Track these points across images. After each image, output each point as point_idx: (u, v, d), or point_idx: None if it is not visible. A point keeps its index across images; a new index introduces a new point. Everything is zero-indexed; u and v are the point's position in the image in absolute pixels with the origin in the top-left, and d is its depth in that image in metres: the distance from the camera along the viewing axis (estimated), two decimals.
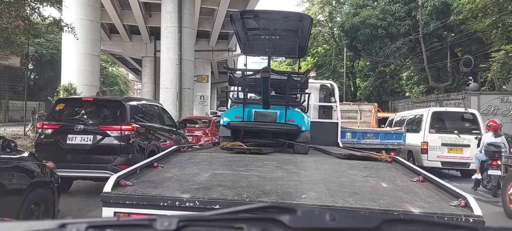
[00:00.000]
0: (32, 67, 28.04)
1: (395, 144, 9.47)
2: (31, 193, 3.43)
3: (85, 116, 6.00)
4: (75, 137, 5.61)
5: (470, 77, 21.58)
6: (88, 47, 14.22)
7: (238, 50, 30.29)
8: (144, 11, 21.85)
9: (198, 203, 1.95)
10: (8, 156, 3.34)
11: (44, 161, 3.87)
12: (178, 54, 15.75)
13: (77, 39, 11.25)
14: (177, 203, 1.96)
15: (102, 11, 18.82)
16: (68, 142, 5.60)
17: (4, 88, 24.27)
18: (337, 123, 6.33)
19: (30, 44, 24.19)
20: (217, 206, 1.92)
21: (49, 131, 5.76)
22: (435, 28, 18.58)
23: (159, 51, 17.46)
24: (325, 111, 6.76)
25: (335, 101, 6.68)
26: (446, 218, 1.78)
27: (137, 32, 24.79)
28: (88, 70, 14.31)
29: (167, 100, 15.49)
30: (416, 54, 22.09)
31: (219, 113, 31.32)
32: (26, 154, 3.67)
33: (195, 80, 19.26)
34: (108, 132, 5.66)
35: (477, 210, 1.85)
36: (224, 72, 40.51)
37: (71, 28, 10.04)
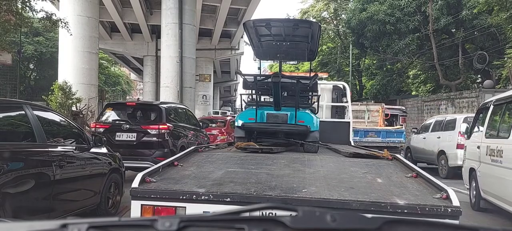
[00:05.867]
0: (32, 66, 27.68)
1: (396, 141, 10.08)
2: (110, 175, 4.57)
3: (129, 117, 7.14)
4: (122, 134, 6.71)
5: (479, 75, 20.87)
6: (86, 45, 13.76)
7: (241, 49, 29.79)
8: (145, 9, 21.41)
9: (212, 197, 2.18)
10: (98, 150, 4.49)
11: (115, 153, 4.96)
12: (179, 51, 15.24)
13: (71, 34, 10.77)
14: (194, 196, 2.19)
15: (102, 9, 18.39)
16: (116, 138, 6.66)
17: (5, 88, 23.89)
18: (349, 122, 6.38)
19: (29, 42, 24.11)
20: (228, 199, 2.16)
21: (101, 129, 6.82)
22: (446, 23, 17.86)
23: (160, 50, 17.01)
24: (338, 111, 7.04)
25: (346, 102, 6.87)
26: (427, 209, 1.99)
27: (138, 30, 24.39)
28: (86, 68, 13.83)
29: (168, 100, 14.96)
30: (423, 52, 21.41)
31: (228, 114, 30.94)
32: (105, 149, 4.69)
33: (197, 80, 18.77)
34: (148, 130, 6.76)
35: (455, 202, 2.04)
36: (227, 71, 40.21)
37: (65, 23, 9.52)
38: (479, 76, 21.00)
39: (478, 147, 5.43)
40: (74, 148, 4.14)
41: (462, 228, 0.75)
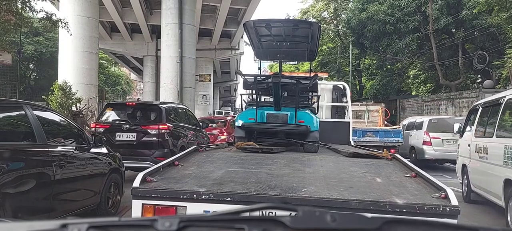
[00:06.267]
0: (32, 66, 27.68)
1: (394, 141, 10.22)
2: (110, 175, 4.63)
3: (129, 117, 7.14)
4: (122, 135, 6.71)
5: (479, 75, 20.87)
6: (86, 45, 13.76)
7: (241, 49, 29.77)
8: (145, 9, 21.40)
9: (212, 196, 2.19)
10: (98, 150, 4.54)
11: (115, 153, 5.00)
12: (179, 51, 15.24)
13: (71, 34, 10.77)
14: (195, 196, 2.21)
15: (102, 9, 18.37)
16: (116, 138, 6.66)
17: (5, 88, 23.88)
18: (349, 122, 6.41)
19: (29, 42, 24.11)
20: (229, 198, 2.17)
21: (101, 129, 6.81)
22: (446, 23, 17.87)
23: (160, 50, 17.01)
24: (338, 111, 7.09)
25: (347, 102, 6.95)
26: (426, 208, 2.01)
27: (138, 30, 24.38)
28: (86, 68, 13.83)
29: (168, 100, 14.95)
30: (423, 52, 21.41)
31: (231, 114, 30.97)
32: (105, 149, 4.73)
33: (197, 80, 18.78)
34: (148, 130, 6.76)
35: (454, 201, 2.05)
36: (227, 71, 40.20)
37: (65, 23, 9.52)
38: (479, 76, 21.01)
39: (469, 145, 6.02)
40: (74, 148, 4.17)
41: (462, 228, 0.75)
